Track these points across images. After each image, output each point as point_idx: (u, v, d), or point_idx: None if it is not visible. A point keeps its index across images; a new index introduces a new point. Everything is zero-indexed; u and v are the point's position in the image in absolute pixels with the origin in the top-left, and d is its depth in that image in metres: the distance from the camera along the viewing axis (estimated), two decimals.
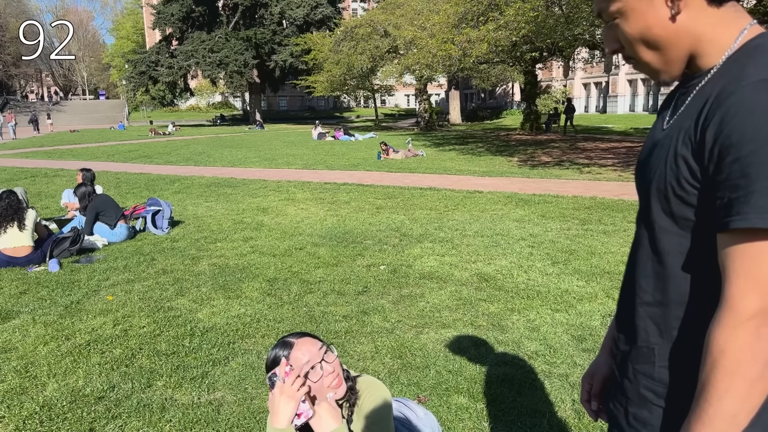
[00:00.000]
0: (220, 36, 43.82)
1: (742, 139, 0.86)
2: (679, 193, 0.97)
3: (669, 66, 1.03)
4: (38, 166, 15.91)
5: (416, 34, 20.06)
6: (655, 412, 1.04)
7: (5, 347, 3.81)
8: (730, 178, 0.87)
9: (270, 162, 16.21)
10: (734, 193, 0.87)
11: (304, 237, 6.80)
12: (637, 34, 1.01)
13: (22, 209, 5.86)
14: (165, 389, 3.21)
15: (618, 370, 1.15)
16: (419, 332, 3.96)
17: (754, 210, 0.84)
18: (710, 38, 0.98)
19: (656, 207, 1.03)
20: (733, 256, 0.88)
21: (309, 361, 1.77)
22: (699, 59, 1.00)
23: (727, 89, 0.91)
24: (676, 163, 0.97)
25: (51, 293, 4.90)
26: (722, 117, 0.89)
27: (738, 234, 0.87)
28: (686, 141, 0.96)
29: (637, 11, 0.99)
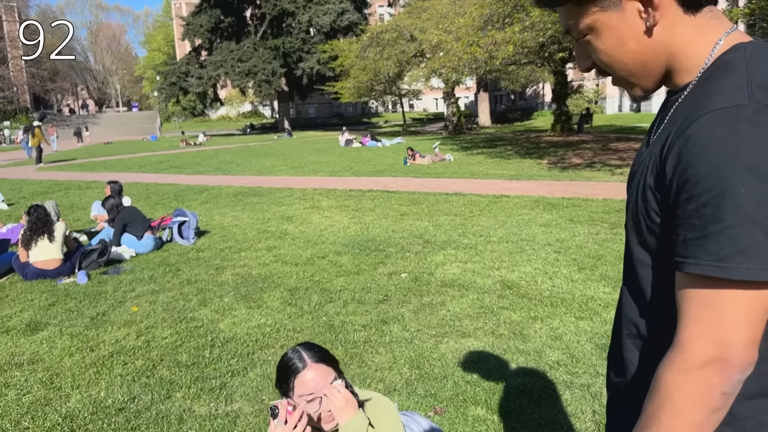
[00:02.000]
0: (249, 46, 44.45)
1: (696, 177, 0.81)
2: (650, 225, 0.93)
3: (643, 80, 0.98)
4: (72, 179, 16.34)
5: (442, 38, 19.99)
6: None
7: (32, 359, 3.90)
8: (685, 216, 0.84)
9: (297, 170, 16.33)
10: (690, 233, 0.83)
11: (327, 245, 6.81)
12: (609, 49, 0.95)
13: (51, 222, 6.00)
14: (184, 400, 3.24)
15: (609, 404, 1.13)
16: (438, 342, 3.91)
17: (707, 255, 0.80)
18: (687, 51, 0.92)
19: (632, 239, 0.99)
20: (687, 298, 0.85)
21: (313, 393, 1.75)
22: (677, 75, 0.95)
23: (690, 117, 0.86)
24: (645, 195, 0.93)
25: (78, 305, 5.00)
26: (680, 149, 0.85)
27: (692, 277, 0.83)
28: (653, 170, 0.92)
29: (609, 26, 0.93)
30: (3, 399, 3.34)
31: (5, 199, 11.67)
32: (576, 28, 0.98)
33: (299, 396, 1.75)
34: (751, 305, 0.80)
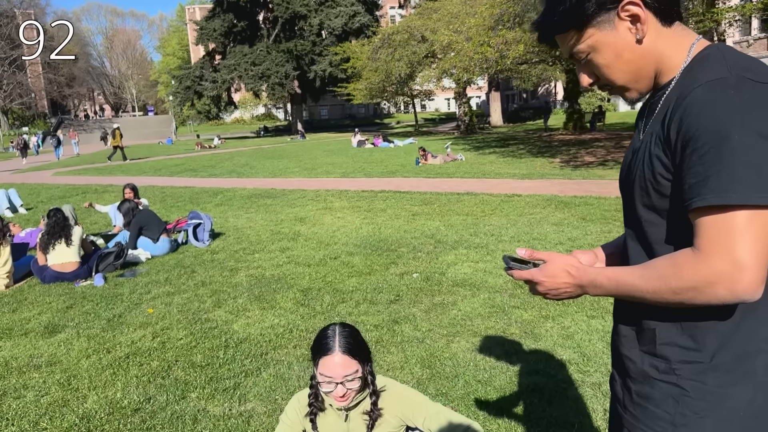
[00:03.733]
0: (262, 49, 44.71)
1: (697, 133, 1.00)
2: (657, 187, 1.11)
3: (639, 84, 1.18)
4: (89, 183, 16.55)
5: (452, 38, 19.98)
6: (657, 386, 1.15)
7: (51, 361, 3.98)
8: (690, 166, 1.02)
9: (310, 172, 16.41)
10: (695, 178, 1.01)
11: (339, 246, 6.85)
12: (610, 62, 1.16)
13: (69, 226, 6.11)
14: (198, 401, 3.29)
15: (619, 354, 1.26)
16: (450, 341, 3.93)
17: (710, 191, 0.98)
18: (669, 55, 1.14)
19: (640, 204, 1.16)
20: (700, 232, 1.01)
21: (331, 377, 1.86)
22: (662, 75, 1.16)
23: (684, 92, 1.06)
24: (651, 162, 1.11)
25: (95, 307, 5.09)
26: (681, 115, 1.04)
27: (701, 212, 1.01)
28: (657, 141, 1.11)
29: (606, 43, 1.14)
30: (22, 400, 3.41)
31: (24, 204, 11.87)
32: (579, 51, 1.19)
33: (320, 373, 1.87)
34: (754, 227, 0.96)
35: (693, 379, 1.11)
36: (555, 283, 1.20)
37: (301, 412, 2.07)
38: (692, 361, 1.11)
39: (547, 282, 1.21)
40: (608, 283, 1.14)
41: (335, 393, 1.88)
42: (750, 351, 1.08)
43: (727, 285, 0.97)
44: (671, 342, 1.14)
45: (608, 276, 1.14)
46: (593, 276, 1.17)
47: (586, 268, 1.20)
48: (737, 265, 0.96)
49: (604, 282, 1.14)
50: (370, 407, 1.97)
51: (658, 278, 1.05)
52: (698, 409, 1.10)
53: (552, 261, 1.23)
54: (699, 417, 1.10)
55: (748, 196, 0.96)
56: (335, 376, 1.86)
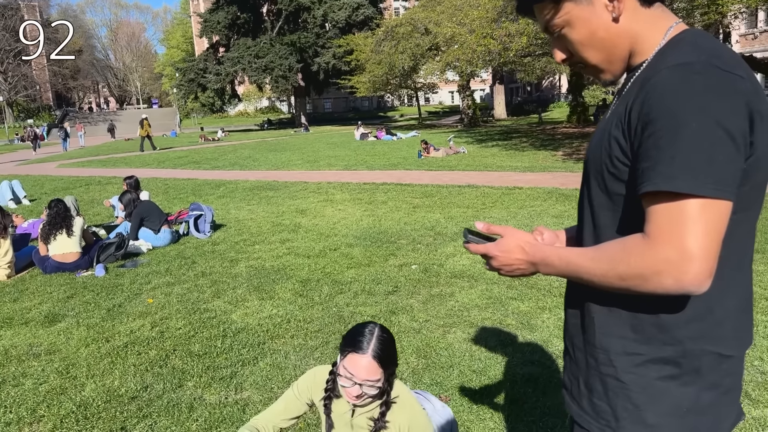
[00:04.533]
0: (265, 42, 44.61)
1: (657, 116, 0.97)
2: (612, 170, 1.07)
3: (613, 65, 1.15)
4: (93, 175, 16.60)
5: (456, 31, 19.91)
6: (598, 378, 1.13)
7: (50, 349, 4.01)
8: (646, 149, 0.98)
9: (312, 164, 16.42)
10: (647, 163, 0.97)
11: (339, 238, 6.87)
12: (584, 39, 1.13)
13: (70, 217, 6.14)
14: (195, 389, 3.31)
15: (570, 342, 1.24)
16: (446, 332, 3.95)
17: (661, 176, 0.95)
18: (645, 36, 1.10)
19: (594, 185, 1.14)
20: (651, 217, 0.98)
21: (352, 375, 1.83)
22: (636, 56, 1.13)
23: (650, 75, 1.03)
24: (609, 144, 1.07)
25: (96, 297, 5.12)
26: (643, 98, 1.00)
27: (652, 197, 0.97)
28: (617, 124, 1.06)
29: (582, 18, 1.11)
30: (20, 388, 3.45)
31: (27, 195, 11.93)
32: (552, 25, 1.15)
33: (343, 365, 1.86)
34: (705, 217, 0.93)
35: (632, 372, 1.08)
36: (508, 258, 1.16)
37: (313, 390, 2.07)
38: (631, 353, 1.08)
39: (501, 257, 1.17)
40: (559, 262, 1.10)
41: (350, 391, 1.86)
42: (694, 350, 1.05)
43: (674, 274, 0.94)
44: (609, 332, 1.11)
45: (560, 255, 1.11)
46: (546, 254, 1.13)
47: (541, 246, 1.16)
48: (685, 255, 0.93)
49: (555, 261, 1.11)
50: (378, 416, 1.96)
51: (607, 262, 1.02)
52: (639, 402, 1.08)
53: (507, 236, 1.19)
54: (639, 410, 1.08)
55: (699, 185, 0.92)
56: (357, 376, 1.83)
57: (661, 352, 1.06)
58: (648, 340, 1.07)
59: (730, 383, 1.09)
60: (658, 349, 1.06)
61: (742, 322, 1.10)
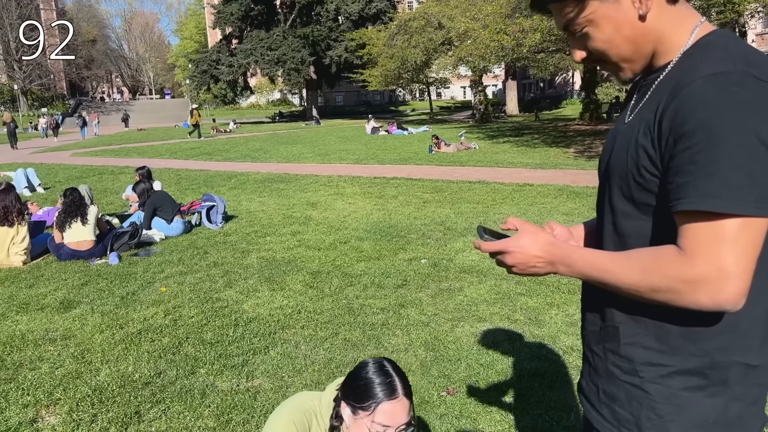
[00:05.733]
0: (278, 34, 44.64)
1: (693, 129, 0.93)
2: (638, 179, 1.04)
3: (634, 64, 1.10)
4: (106, 164, 16.75)
5: (469, 26, 19.86)
6: (621, 387, 1.11)
7: (65, 335, 4.10)
8: (681, 164, 0.94)
9: (323, 157, 16.47)
10: (684, 178, 0.94)
11: (350, 231, 6.92)
12: (608, 37, 1.07)
13: (85, 205, 6.23)
14: (207, 376, 3.38)
15: (588, 349, 1.21)
16: (455, 325, 3.99)
17: (699, 194, 0.92)
18: (670, 35, 1.05)
19: (617, 193, 1.10)
20: (686, 234, 0.95)
21: (389, 427, 1.59)
22: (658, 56, 1.08)
23: (682, 82, 0.97)
24: (637, 152, 1.03)
25: (110, 285, 5.20)
26: (677, 108, 0.96)
27: (688, 215, 0.94)
28: (646, 131, 1.02)
29: (607, 16, 1.05)
30: (37, 371, 3.53)
31: (42, 183, 12.07)
32: (574, 23, 1.09)
33: (374, 421, 1.58)
34: (744, 236, 0.91)
35: (657, 383, 1.06)
36: (526, 255, 1.11)
37: None
38: (656, 364, 1.06)
39: (518, 254, 1.11)
40: (582, 263, 1.06)
41: None
42: (722, 362, 1.02)
43: (710, 292, 0.92)
44: (635, 342, 1.09)
45: (584, 256, 1.07)
46: (568, 253, 1.09)
47: (562, 244, 1.12)
48: (723, 274, 0.91)
49: (578, 261, 1.07)
50: None
51: (638, 271, 0.99)
52: (663, 413, 1.06)
53: (526, 232, 1.14)
54: (664, 421, 1.06)
55: (740, 204, 0.90)
56: (394, 425, 1.58)
57: (688, 364, 1.04)
58: (674, 350, 1.05)
59: (757, 393, 1.06)
60: (684, 360, 1.04)
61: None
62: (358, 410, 1.61)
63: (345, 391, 1.68)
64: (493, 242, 1.15)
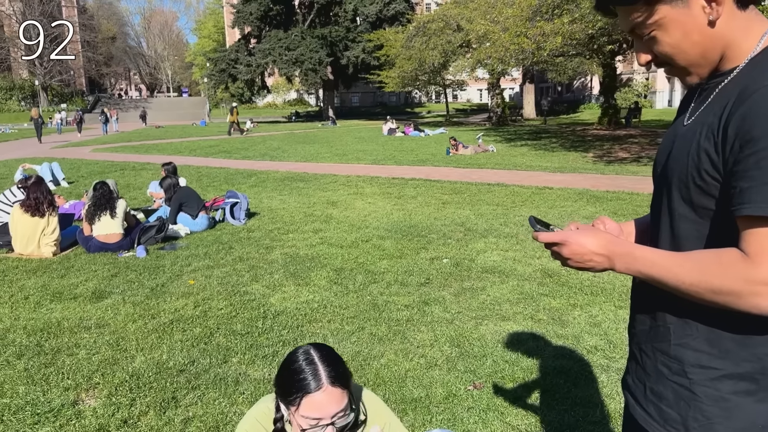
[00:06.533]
0: (296, 34, 44.90)
1: (760, 135, 0.93)
2: (699, 183, 1.05)
3: (702, 69, 1.10)
4: (127, 160, 17.00)
5: (489, 28, 19.89)
6: (669, 387, 1.13)
7: (99, 323, 4.22)
8: (746, 169, 0.95)
9: (341, 157, 16.59)
10: (748, 183, 0.95)
11: (371, 230, 7.01)
12: (676, 42, 1.07)
13: (114, 199, 6.37)
14: (239, 365, 3.48)
15: (637, 347, 1.23)
16: (478, 323, 4.06)
17: (764, 199, 0.93)
18: (738, 41, 1.05)
19: (677, 196, 1.10)
20: (750, 239, 0.96)
21: (318, 420, 1.52)
22: (725, 61, 1.08)
23: (750, 88, 0.98)
24: (698, 156, 1.04)
25: (139, 276, 5.33)
26: (744, 114, 0.96)
27: (754, 219, 0.95)
28: (709, 135, 1.03)
29: (676, 21, 1.05)
30: (75, 357, 3.65)
31: (66, 177, 12.30)
32: (643, 26, 1.09)
33: (301, 417, 1.52)
34: None
35: (706, 385, 1.07)
36: (584, 249, 1.11)
37: None
38: (706, 366, 1.08)
39: (576, 246, 1.11)
40: (643, 261, 1.07)
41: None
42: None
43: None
44: (685, 343, 1.10)
45: (644, 254, 1.08)
46: (629, 250, 1.10)
47: (622, 241, 1.14)
48: None
49: (639, 259, 1.08)
50: None
51: (699, 271, 1.00)
52: (711, 415, 1.07)
53: (586, 228, 1.16)
54: (711, 423, 1.07)
55: None
56: (326, 416, 1.51)
57: (739, 368, 1.05)
58: (725, 354, 1.06)
59: None
60: (735, 365, 1.05)
61: None
62: (288, 405, 1.55)
63: (276, 386, 1.61)
64: (552, 233, 1.15)
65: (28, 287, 5.08)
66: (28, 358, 3.64)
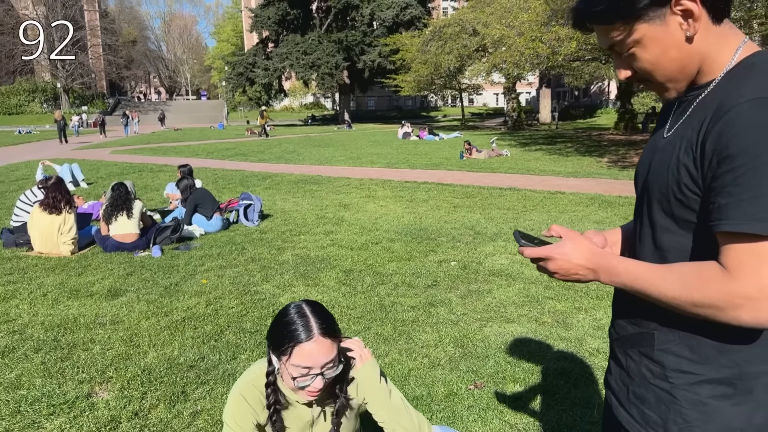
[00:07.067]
0: (313, 38, 45.25)
1: (737, 152, 0.95)
2: (679, 196, 1.07)
3: (679, 83, 1.13)
4: (145, 162, 17.27)
5: (504, 33, 19.92)
6: (651, 390, 1.17)
7: (114, 320, 4.35)
8: (724, 185, 0.97)
9: (355, 161, 16.71)
10: (726, 199, 0.97)
11: (381, 232, 7.09)
12: (654, 58, 1.10)
13: (130, 200, 6.53)
14: (248, 362, 3.57)
15: (622, 351, 1.26)
16: (483, 325, 4.12)
17: (743, 216, 0.95)
18: (714, 55, 1.08)
19: (657, 208, 1.14)
20: (730, 254, 0.99)
21: (309, 369, 1.61)
22: (701, 74, 1.11)
23: (726, 104, 1.00)
24: (678, 170, 1.07)
25: (153, 275, 5.47)
26: (721, 130, 0.98)
27: (732, 236, 0.98)
28: (688, 150, 1.05)
29: (654, 38, 1.07)
30: (90, 352, 3.78)
31: (85, 179, 12.55)
32: (622, 44, 1.11)
33: (293, 367, 1.61)
34: None
35: (686, 389, 1.11)
36: (569, 263, 1.15)
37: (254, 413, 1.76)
38: (686, 371, 1.11)
39: (561, 260, 1.15)
40: (626, 275, 1.10)
41: (313, 386, 1.63)
42: (750, 372, 1.07)
43: (752, 311, 0.96)
44: (668, 349, 1.13)
45: (627, 267, 1.11)
46: (612, 263, 1.13)
47: (606, 253, 1.16)
48: (764, 293, 0.95)
49: (621, 272, 1.10)
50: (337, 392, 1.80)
51: (681, 285, 1.02)
52: (690, 418, 1.10)
53: (569, 239, 1.18)
54: (690, 426, 1.10)
55: None
56: (315, 365, 1.60)
57: (718, 374, 1.08)
58: (705, 360, 1.09)
59: None
60: (714, 370, 1.08)
61: None
62: (280, 356, 1.63)
63: (268, 339, 1.69)
64: (537, 248, 1.17)
65: (47, 284, 5.23)
66: (45, 352, 3.77)
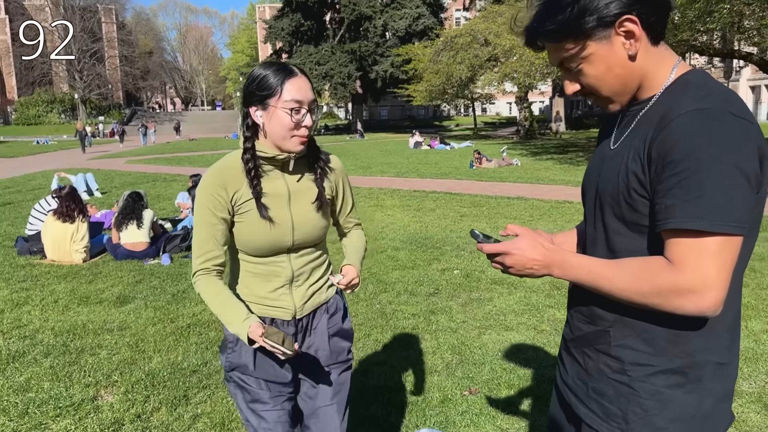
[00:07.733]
0: (326, 49, 45.67)
1: (680, 157, 1.06)
2: (629, 201, 1.17)
3: (623, 97, 1.23)
4: (159, 171, 17.53)
5: (515, 42, 20.00)
6: (610, 384, 1.24)
7: (121, 326, 4.46)
8: (669, 188, 1.08)
9: (365, 170, 16.82)
10: (671, 201, 1.07)
11: (387, 241, 7.17)
12: (600, 74, 1.20)
13: (141, 209, 6.67)
14: None
15: (579, 350, 1.33)
16: (482, 332, 4.18)
17: (687, 215, 1.06)
18: (654, 72, 1.20)
19: (609, 213, 1.22)
20: (674, 249, 1.09)
21: (301, 102, 1.62)
22: (642, 90, 1.22)
23: (669, 116, 1.11)
24: (627, 177, 1.16)
25: (162, 283, 5.59)
26: (664, 138, 1.09)
27: (677, 233, 1.08)
28: (636, 158, 1.15)
29: (600, 56, 1.18)
30: (97, 357, 3.89)
31: (99, 188, 12.78)
32: (572, 60, 1.21)
33: (285, 100, 1.60)
34: (724, 252, 1.06)
35: (643, 381, 1.19)
36: (524, 258, 1.23)
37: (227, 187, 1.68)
38: (643, 364, 1.19)
39: (517, 255, 1.23)
40: (579, 269, 1.19)
41: (305, 123, 1.64)
42: (699, 361, 1.17)
43: (694, 300, 1.06)
44: (624, 344, 1.21)
45: (580, 262, 1.20)
46: (565, 258, 1.21)
47: (559, 249, 1.24)
48: (706, 284, 1.05)
49: (574, 266, 1.19)
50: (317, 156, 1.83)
51: (630, 278, 1.12)
52: (648, 407, 1.19)
53: (525, 236, 1.27)
54: (648, 415, 1.19)
55: (722, 224, 1.03)
56: (305, 99, 1.62)
57: (671, 364, 1.17)
58: (660, 352, 1.18)
59: (725, 389, 1.21)
60: (668, 361, 1.17)
61: (735, 333, 1.23)
62: (266, 101, 1.61)
63: (246, 97, 1.67)
64: (496, 244, 1.27)
65: (58, 291, 5.37)
66: (54, 356, 3.89)
